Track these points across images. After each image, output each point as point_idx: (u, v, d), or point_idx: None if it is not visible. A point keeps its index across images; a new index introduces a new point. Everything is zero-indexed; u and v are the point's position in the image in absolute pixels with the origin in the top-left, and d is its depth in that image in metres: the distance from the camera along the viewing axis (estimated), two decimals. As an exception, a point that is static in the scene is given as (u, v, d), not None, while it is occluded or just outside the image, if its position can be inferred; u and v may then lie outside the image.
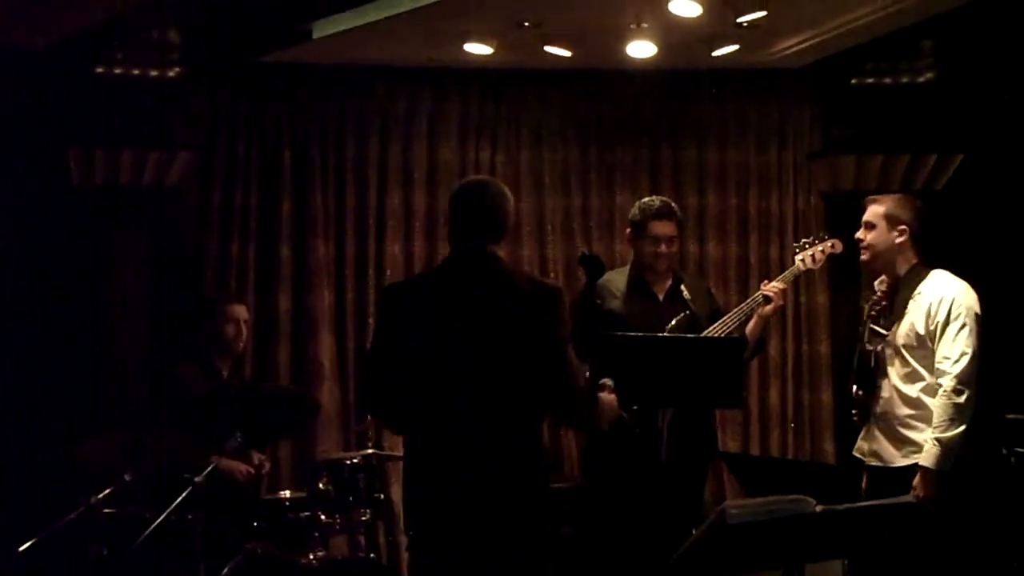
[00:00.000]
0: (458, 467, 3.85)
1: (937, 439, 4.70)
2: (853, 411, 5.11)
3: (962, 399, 4.70)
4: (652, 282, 5.45)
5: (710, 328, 5.29)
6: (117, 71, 6.66)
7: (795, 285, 6.87)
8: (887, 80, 7.04)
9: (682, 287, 5.42)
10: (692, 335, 5.15)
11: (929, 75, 6.97)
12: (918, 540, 4.37)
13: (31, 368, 6.49)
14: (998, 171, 6.72)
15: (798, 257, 5.52)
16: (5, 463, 6.28)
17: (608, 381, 4.22)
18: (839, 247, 5.48)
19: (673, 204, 5.48)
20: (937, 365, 4.79)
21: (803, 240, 5.64)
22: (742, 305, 5.43)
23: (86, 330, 6.63)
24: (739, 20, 5.80)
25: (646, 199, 5.54)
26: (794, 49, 6.54)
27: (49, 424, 6.33)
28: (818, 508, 3.40)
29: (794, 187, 7.10)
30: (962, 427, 4.69)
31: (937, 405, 4.74)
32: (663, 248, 5.38)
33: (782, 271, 5.69)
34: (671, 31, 6.03)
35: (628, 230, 5.51)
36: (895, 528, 3.66)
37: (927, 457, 4.71)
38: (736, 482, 6.43)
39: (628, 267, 5.56)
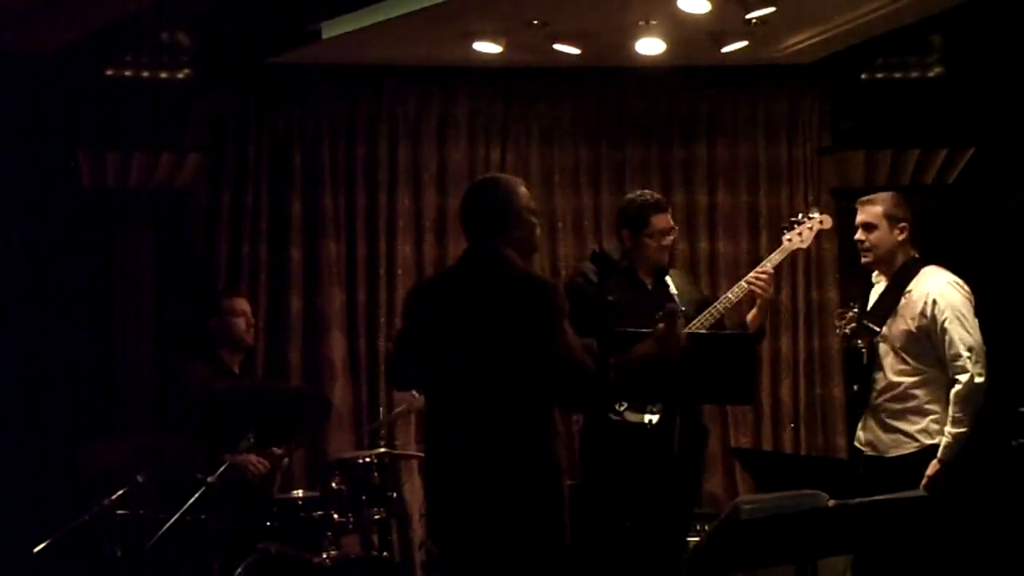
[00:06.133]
0: (465, 464, 3.91)
1: (954, 434, 4.86)
2: (858, 408, 5.29)
3: (981, 391, 4.86)
4: (640, 272, 5.43)
5: (698, 317, 5.27)
6: (127, 74, 6.68)
7: (806, 280, 6.91)
8: (896, 75, 7.03)
9: (667, 277, 5.42)
10: (707, 332, 5.14)
11: (938, 69, 6.96)
12: (929, 533, 4.39)
13: (42, 369, 6.50)
14: (1009, 165, 6.70)
15: (786, 236, 5.48)
16: (18, 464, 6.30)
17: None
18: (828, 222, 5.50)
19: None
20: (953, 363, 4.91)
21: (791, 219, 5.60)
22: (727, 293, 5.37)
23: (97, 331, 6.65)
24: (748, 16, 5.79)
25: (636, 194, 5.44)
26: (803, 45, 6.52)
27: (61, 426, 6.34)
28: (831, 503, 3.40)
29: (804, 183, 7.08)
30: (973, 422, 4.86)
31: (958, 399, 4.87)
32: (667, 241, 5.38)
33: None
34: (680, 28, 6.03)
35: (625, 230, 5.37)
36: (907, 522, 3.66)
37: (944, 451, 4.88)
38: (749, 477, 6.43)
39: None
